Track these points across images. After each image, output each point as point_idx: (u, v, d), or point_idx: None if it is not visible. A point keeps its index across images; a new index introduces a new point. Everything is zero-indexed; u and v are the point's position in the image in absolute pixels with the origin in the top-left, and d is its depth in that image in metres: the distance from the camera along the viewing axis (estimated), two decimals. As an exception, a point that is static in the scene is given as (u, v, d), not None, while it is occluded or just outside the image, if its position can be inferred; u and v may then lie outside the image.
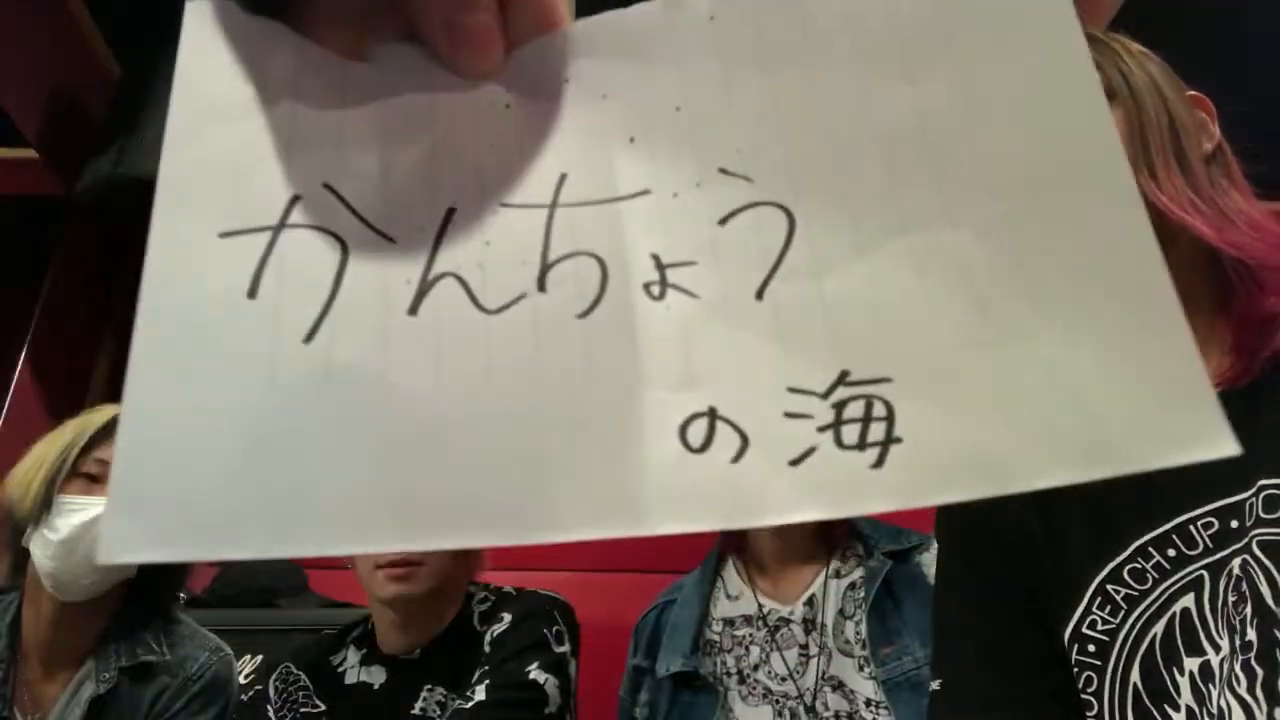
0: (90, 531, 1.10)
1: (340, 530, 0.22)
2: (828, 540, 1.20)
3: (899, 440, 0.22)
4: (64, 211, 2.04)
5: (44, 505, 1.11)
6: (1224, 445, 0.21)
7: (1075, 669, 0.70)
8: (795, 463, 0.22)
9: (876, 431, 0.22)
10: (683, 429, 0.23)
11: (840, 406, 0.23)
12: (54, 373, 2.05)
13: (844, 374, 0.23)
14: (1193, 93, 0.77)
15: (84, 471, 1.14)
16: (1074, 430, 0.21)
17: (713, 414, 0.23)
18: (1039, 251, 0.23)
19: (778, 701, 1.08)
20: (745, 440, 0.23)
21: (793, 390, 0.23)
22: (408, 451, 0.23)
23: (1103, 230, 0.23)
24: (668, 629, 1.20)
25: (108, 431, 1.17)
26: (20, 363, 1.95)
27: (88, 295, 2.20)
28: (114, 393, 2.20)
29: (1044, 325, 0.22)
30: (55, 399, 2.05)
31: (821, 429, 0.22)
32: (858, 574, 1.15)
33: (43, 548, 1.10)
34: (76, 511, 1.11)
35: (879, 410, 0.22)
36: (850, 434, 0.22)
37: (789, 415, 0.23)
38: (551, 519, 0.22)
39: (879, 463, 0.22)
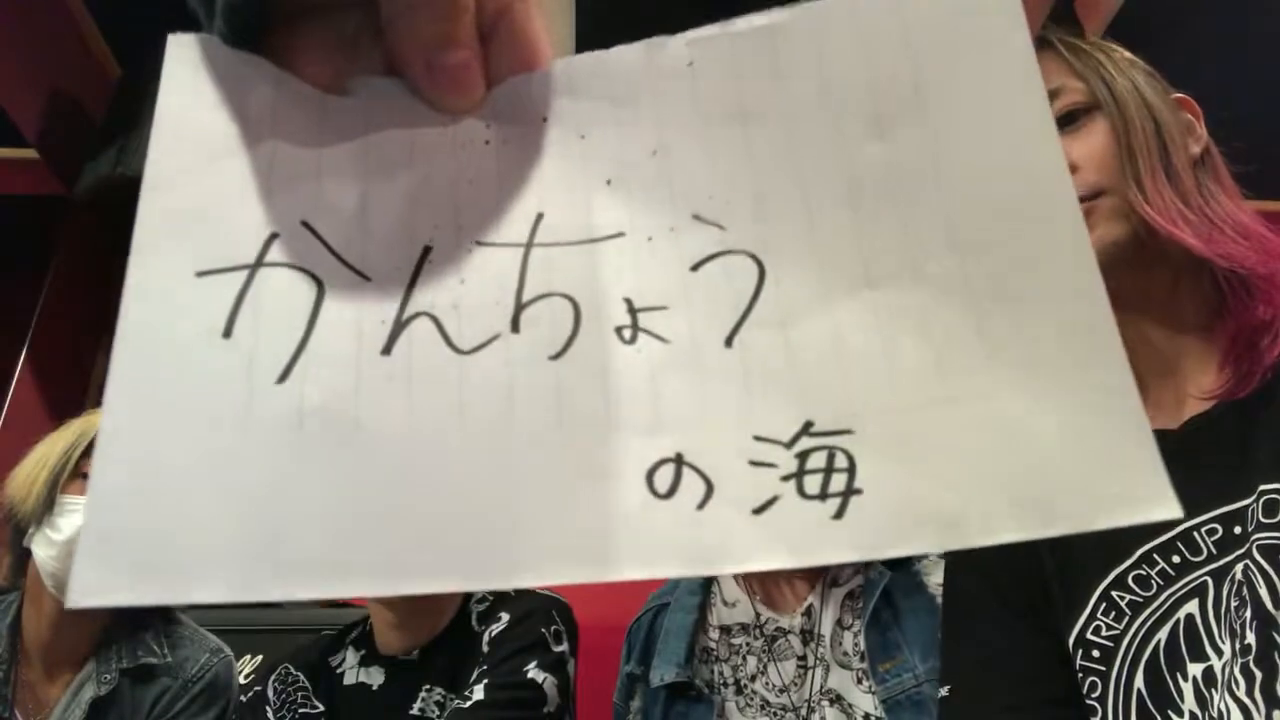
0: None
1: (310, 575, 0.22)
2: None
3: (859, 492, 0.22)
4: (64, 211, 2.04)
5: (47, 505, 1.11)
6: (1167, 507, 0.21)
7: (1080, 674, 0.70)
8: (759, 511, 0.22)
9: (838, 482, 0.22)
10: (650, 474, 0.23)
11: (804, 456, 0.23)
12: (54, 373, 2.05)
13: (808, 424, 0.23)
14: (1179, 95, 0.76)
15: (86, 471, 1.14)
16: (1024, 490, 0.22)
17: (679, 460, 0.23)
18: (997, 313, 0.23)
19: (775, 714, 1.06)
20: (710, 487, 0.23)
21: (758, 439, 0.23)
22: (379, 495, 0.23)
23: (1058, 295, 0.23)
24: (662, 635, 1.17)
25: None
26: (20, 363, 1.95)
27: (88, 295, 2.20)
28: (115, 392, 2.21)
29: (999, 386, 0.23)
30: (55, 399, 2.06)
31: (785, 478, 0.23)
32: (856, 582, 1.12)
33: (45, 548, 1.10)
34: (79, 512, 1.10)
35: (840, 461, 0.23)
36: (812, 484, 0.22)
37: (754, 464, 0.23)
38: (520, 564, 0.22)
39: (839, 514, 0.22)
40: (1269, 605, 0.59)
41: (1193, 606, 0.64)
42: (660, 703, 1.12)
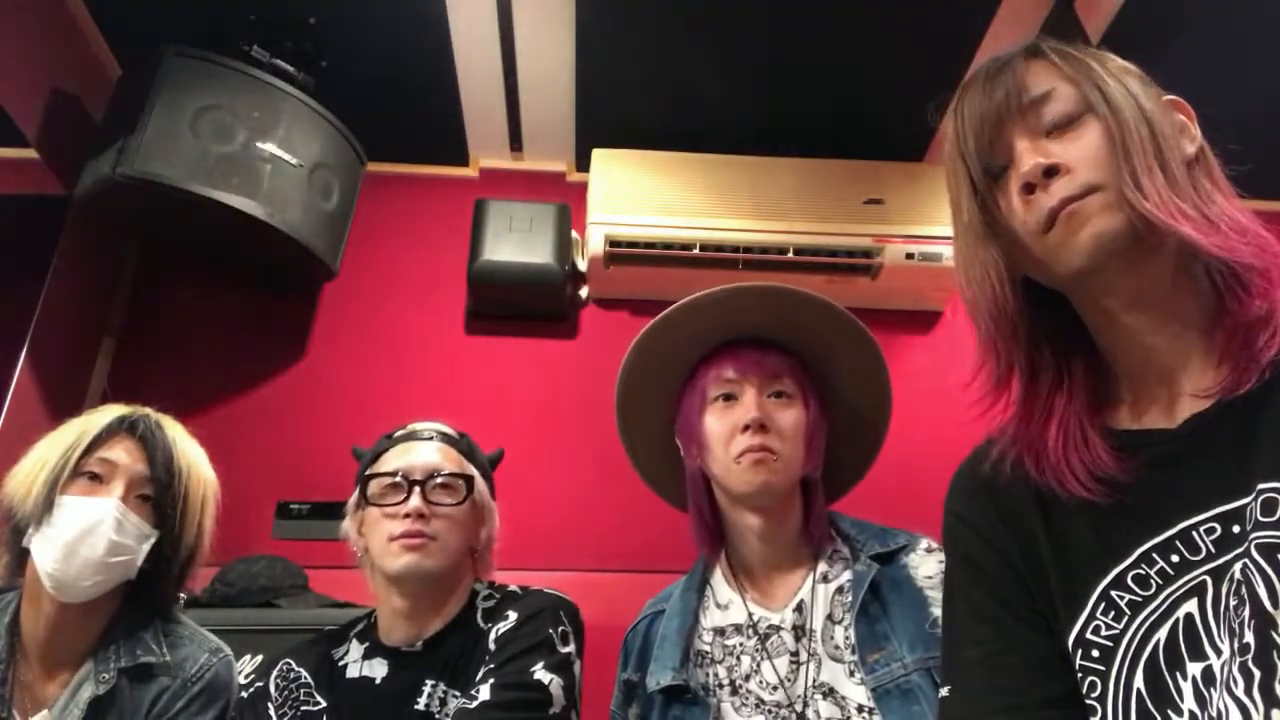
0: (92, 533, 1.09)
1: None
2: (813, 543, 1.18)
3: None
4: (64, 211, 2.04)
5: (46, 506, 1.09)
6: None
7: (1079, 674, 0.70)
8: None
9: None
10: None
11: None
12: (54, 373, 2.05)
13: None
14: (1170, 97, 0.76)
15: (86, 470, 1.12)
16: None
17: None
18: None
19: (770, 711, 1.06)
20: None
21: None
22: None
23: None
24: (657, 640, 1.17)
25: (111, 431, 1.16)
26: (20, 363, 1.95)
27: (88, 295, 2.20)
28: (114, 393, 2.20)
29: None
30: (55, 399, 2.05)
31: None
32: (845, 578, 1.13)
33: (44, 549, 1.09)
34: (79, 512, 1.10)
35: None
36: None
37: None
38: None
39: None
40: (1267, 604, 0.59)
41: (1192, 606, 0.65)
42: (657, 707, 1.12)
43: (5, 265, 2.03)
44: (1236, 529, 0.63)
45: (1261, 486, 0.62)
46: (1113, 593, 0.69)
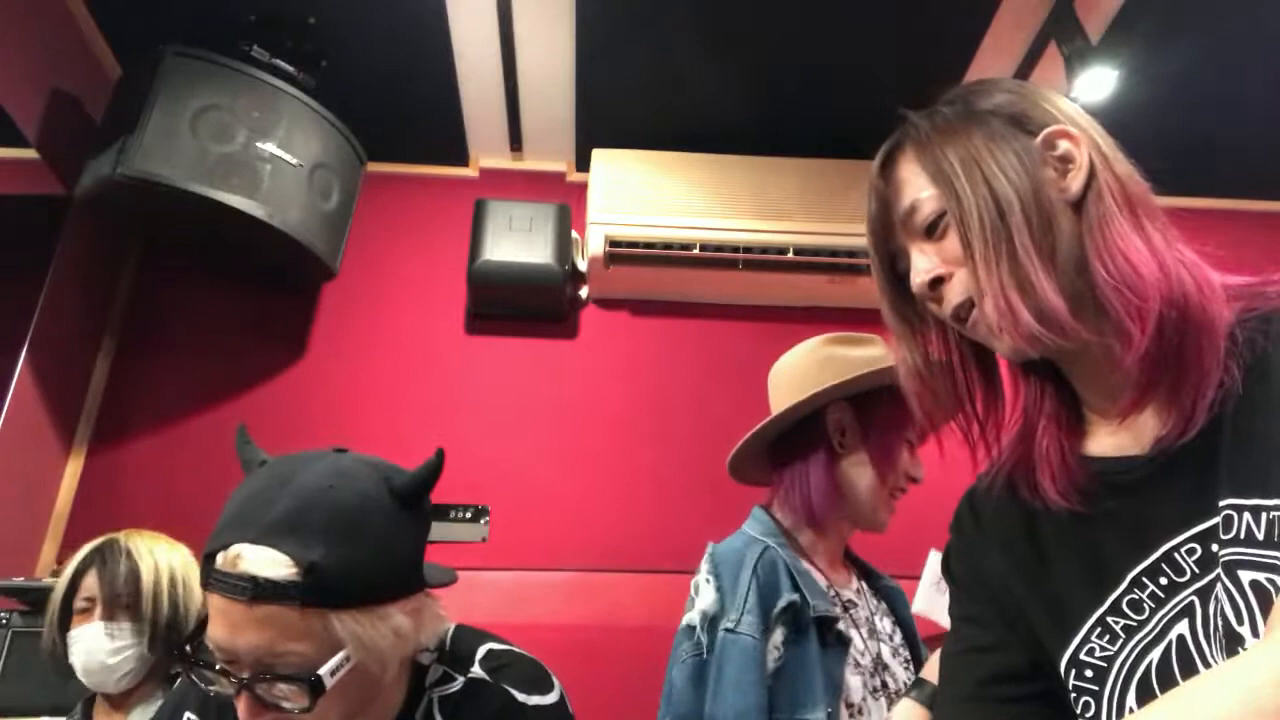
0: (93, 651, 1.33)
1: None
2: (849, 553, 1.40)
3: None
4: (64, 211, 2.04)
5: (64, 644, 1.36)
6: None
7: (1072, 694, 0.71)
8: None
9: None
10: None
11: None
12: (54, 373, 2.05)
13: None
14: (1051, 129, 0.73)
15: (76, 608, 1.36)
16: None
17: None
18: None
19: (864, 671, 1.19)
20: None
21: None
22: None
23: None
24: (795, 571, 1.20)
25: (81, 571, 1.38)
26: (20, 363, 1.95)
27: (88, 295, 2.20)
28: (113, 394, 2.21)
29: None
30: (55, 400, 2.05)
31: None
32: (862, 582, 1.36)
33: (76, 668, 1.36)
34: (78, 641, 1.34)
35: None
36: None
37: None
38: None
39: None
40: (1234, 623, 0.60)
41: (1183, 627, 0.66)
42: (812, 634, 1.15)
43: (5, 265, 2.03)
44: (1214, 547, 0.64)
45: (1222, 504, 0.63)
46: (1109, 619, 0.70)
